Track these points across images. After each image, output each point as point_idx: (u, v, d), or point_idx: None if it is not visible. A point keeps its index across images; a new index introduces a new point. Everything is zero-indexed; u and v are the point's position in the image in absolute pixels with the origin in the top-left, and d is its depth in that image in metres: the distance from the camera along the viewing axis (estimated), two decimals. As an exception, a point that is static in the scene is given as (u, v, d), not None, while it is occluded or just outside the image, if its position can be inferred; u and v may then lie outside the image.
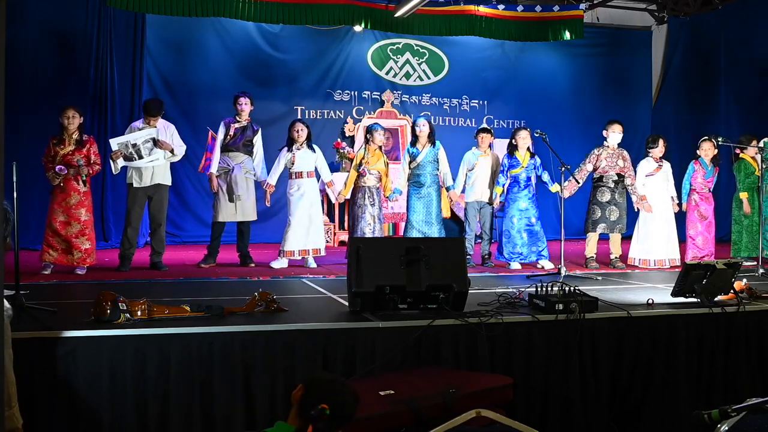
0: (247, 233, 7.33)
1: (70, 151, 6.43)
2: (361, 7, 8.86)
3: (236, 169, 7.15)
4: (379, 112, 10.73)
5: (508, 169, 7.47)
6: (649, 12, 11.87)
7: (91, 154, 6.55)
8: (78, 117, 6.49)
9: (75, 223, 6.44)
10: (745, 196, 7.77)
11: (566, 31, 9.68)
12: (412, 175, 7.48)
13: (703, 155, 7.69)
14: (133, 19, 9.38)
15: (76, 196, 6.45)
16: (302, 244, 7.11)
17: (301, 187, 7.14)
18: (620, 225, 7.56)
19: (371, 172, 7.35)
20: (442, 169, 7.50)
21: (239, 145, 7.18)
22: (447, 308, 4.26)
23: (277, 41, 10.34)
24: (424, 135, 7.42)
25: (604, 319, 4.39)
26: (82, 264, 6.50)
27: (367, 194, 7.31)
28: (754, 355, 4.69)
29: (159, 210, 6.99)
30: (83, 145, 6.50)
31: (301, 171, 7.16)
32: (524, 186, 7.40)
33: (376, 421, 3.20)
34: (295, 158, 7.13)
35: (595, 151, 7.61)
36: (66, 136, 6.46)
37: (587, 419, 4.28)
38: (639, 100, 12.10)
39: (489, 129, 7.96)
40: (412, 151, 7.50)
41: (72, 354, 3.61)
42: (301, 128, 7.19)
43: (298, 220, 7.09)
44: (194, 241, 9.75)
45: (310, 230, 7.14)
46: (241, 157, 7.20)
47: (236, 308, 4.28)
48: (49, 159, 6.43)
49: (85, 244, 6.50)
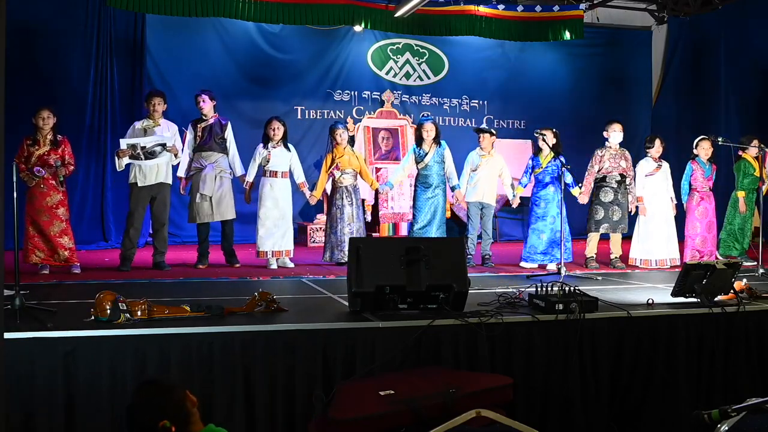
0: (230, 232, 7.31)
1: (46, 152, 6.45)
2: (361, 7, 8.86)
3: (207, 168, 7.09)
4: (379, 112, 10.72)
5: (532, 170, 7.47)
6: (649, 12, 11.86)
7: (66, 154, 6.56)
8: (53, 118, 6.51)
9: (57, 222, 6.47)
10: (742, 195, 7.77)
11: (566, 31, 9.68)
12: (420, 176, 7.48)
13: (701, 154, 7.70)
14: (133, 19, 9.37)
15: (56, 195, 6.48)
16: (278, 245, 7.10)
17: (274, 186, 7.11)
18: (622, 225, 7.56)
19: (345, 172, 7.35)
20: (448, 169, 7.51)
21: (212, 144, 7.14)
22: (447, 308, 4.26)
23: (277, 41, 10.34)
24: (430, 138, 7.42)
25: (604, 319, 4.39)
26: (71, 262, 6.52)
27: (345, 194, 7.32)
28: (754, 355, 4.70)
29: (162, 210, 6.99)
30: (58, 146, 6.52)
31: (276, 170, 7.13)
32: (544, 186, 7.37)
33: (376, 421, 3.21)
34: (271, 156, 7.11)
35: (599, 152, 7.61)
36: (40, 137, 6.48)
37: (587, 419, 4.28)
38: (639, 100, 12.09)
39: (488, 129, 7.90)
40: (418, 152, 7.50)
41: (72, 354, 3.61)
42: (277, 126, 7.16)
43: (273, 221, 7.07)
44: (194, 241, 9.71)
45: (284, 230, 7.13)
46: (215, 155, 7.15)
47: (236, 308, 4.28)
48: (22, 160, 6.41)
49: (69, 243, 6.54)
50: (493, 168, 7.67)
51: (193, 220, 7.21)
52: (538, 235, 7.33)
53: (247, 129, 9.15)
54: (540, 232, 7.32)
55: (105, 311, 3.86)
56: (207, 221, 7.17)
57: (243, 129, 8.78)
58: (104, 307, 3.87)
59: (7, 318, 3.72)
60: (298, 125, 10.02)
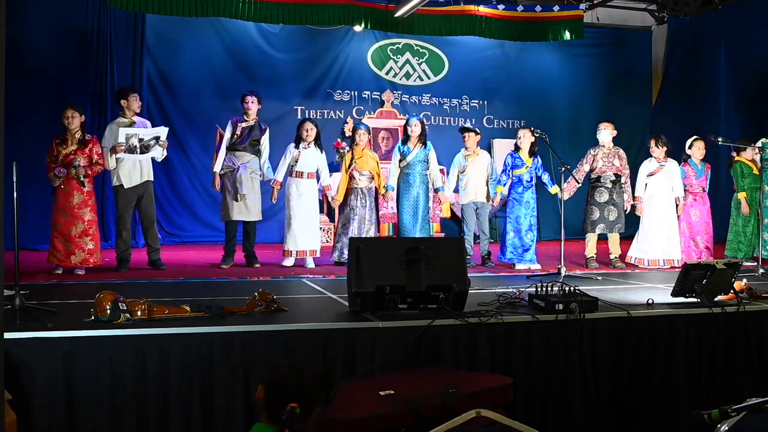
0: (253, 233, 7.32)
1: (73, 151, 6.42)
2: (361, 7, 8.87)
3: (241, 169, 7.11)
4: (379, 112, 10.73)
5: (512, 169, 7.45)
6: (649, 12, 11.87)
7: (94, 153, 6.53)
8: (78, 116, 6.47)
9: (79, 222, 6.41)
10: (744, 196, 7.75)
11: (566, 31, 9.68)
12: (402, 174, 7.51)
13: (695, 155, 7.69)
14: (133, 19, 9.38)
15: (80, 195, 6.42)
16: (303, 245, 7.12)
17: (300, 187, 7.13)
18: (619, 225, 7.56)
19: (362, 173, 7.36)
20: (431, 170, 7.52)
21: (246, 145, 7.16)
22: (447, 308, 4.26)
23: (277, 41, 10.34)
24: (415, 135, 7.45)
25: (604, 319, 4.39)
26: (85, 264, 6.47)
27: (360, 196, 7.33)
28: (754, 355, 4.69)
29: (149, 207, 6.99)
30: (86, 145, 6.49)
31: (302, 171, 7.16)
32: (527, 186, 7.39)
33: (376, 421, 3.20)
34: (300, 156, 7.13)
35: (591, 152, 7.62)
36: (69, 136, 6.46)
37: (587, 419, 4.28)
38: (639, 100, 12.10)
39: (473, 128, 7.84)
40: (403, 150, 7.52)
41: (72, 354, 3.61)
42: (310, 128, 7.21)
43: (299, 221, 7.10)
44: (194, 241, 9.76)
45: (310, 231, 7.15)
46: (248, 156, 7.17)
47: (236, 308, 4.28)
48: (52, 159, 6.42)
49: (89, 245, 6.45)
50: (481, 167, 7.66)
51: (226, 218, 7.19)
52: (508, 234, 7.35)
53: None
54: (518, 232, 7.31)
55: (105, 311, 3.86)
56: (240, 220, 7.18)
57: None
58: (104, 307, 3.87)
59: (7, 318, 3.72)
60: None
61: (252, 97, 7.23)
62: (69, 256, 6.41)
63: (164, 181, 9.67)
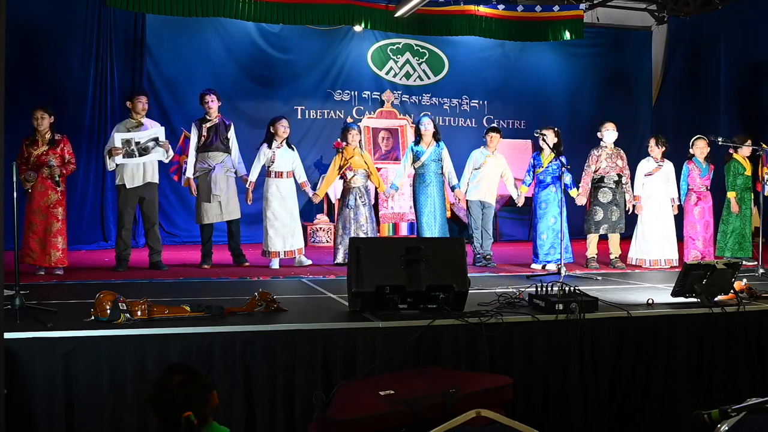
0: (237, 232, 7.31)
1: (44, 151, 6.43)
2: (361, 7, 8.87)
3: (217, 168, 7.09)
4: (379, 112, 10.73)
5: (534, 169, 7.46)
6: (649, 12, 11.87)
7: (66, 153, 6.55)
8: (47, 117, 6.47)
9: (54, 222, 6.43)
10: (733, 196, 7.70)
11: (566, 31, 9.69)
12: (417, 175, 7.49)
13: (697, 154, 7.68)
14: (133, 19, 9.38)
15: (54, 194, 6.45)
16: (291, 245, 7.11)
17: (281, 187, 7.12)
18: (621, 225, 7.56)
19: (358, 172, 7.35)
20: (446, 168, 7.50)
21: (217, 144, 7.13)
22: (447, 308, 4.26)
23: (277, 41, 10.34)
24: (429, 134, 7.44)
25: (604, 319, 4.39)
26: (60, 264, 6.46)
27: (358, 194, 7.32)
28: (754, 355, 4.69)
29: (152, 209, 6.99)
30: (57, 145, 6.50)
31: (281, 171, 7.13)
32: (545, 187, 7.36)
33: (376, 421, 3.20)
34: (276, 157, 7.11)
35: (594, 153, 7.60)
36: (38, 137, 6.47)
37: (587, 419, 4.28)
38: (639, 100, 12.10)
39: (498, 129, 7.91)
40: (416, 150, 7.50)
41: (72, 354, 3.61)
42: (287, 125, 7.21)
43: (282, 221, 7.07)
44: (194, 241, 9.72)
45: (296, 230, 7.15)
46: (221, 155, 7.14)
47: (236, 308, 4.27)
48: (22, 161, 6.41)
49: (62, 244, 6.48)
50: (496, 168, 7.66)
51: (200, 221, 7.18)
52: (540, 236, 7.34)
53: (248, 129, 9.16)
54: (541, 233, 7.32)
55: (105, 311, 3.86)
56: (215, 222, 7.17)
57: (243, 129, 8.78)
58: (104, 307, 3.87)
59: (7, 318, 3.72)
60: (298, 125, 10.02)
61: (211, 95, 7.20)
62: (44, 256, 6.40)
63: (164, 181, 9.65)
